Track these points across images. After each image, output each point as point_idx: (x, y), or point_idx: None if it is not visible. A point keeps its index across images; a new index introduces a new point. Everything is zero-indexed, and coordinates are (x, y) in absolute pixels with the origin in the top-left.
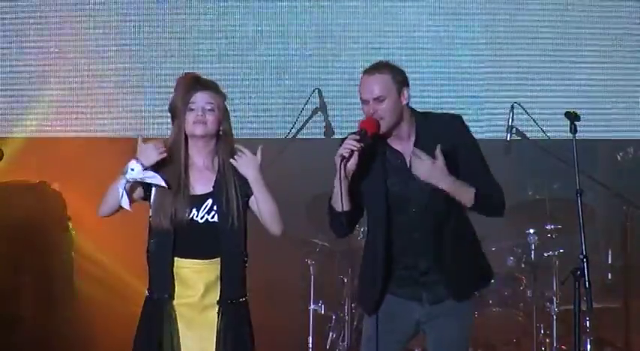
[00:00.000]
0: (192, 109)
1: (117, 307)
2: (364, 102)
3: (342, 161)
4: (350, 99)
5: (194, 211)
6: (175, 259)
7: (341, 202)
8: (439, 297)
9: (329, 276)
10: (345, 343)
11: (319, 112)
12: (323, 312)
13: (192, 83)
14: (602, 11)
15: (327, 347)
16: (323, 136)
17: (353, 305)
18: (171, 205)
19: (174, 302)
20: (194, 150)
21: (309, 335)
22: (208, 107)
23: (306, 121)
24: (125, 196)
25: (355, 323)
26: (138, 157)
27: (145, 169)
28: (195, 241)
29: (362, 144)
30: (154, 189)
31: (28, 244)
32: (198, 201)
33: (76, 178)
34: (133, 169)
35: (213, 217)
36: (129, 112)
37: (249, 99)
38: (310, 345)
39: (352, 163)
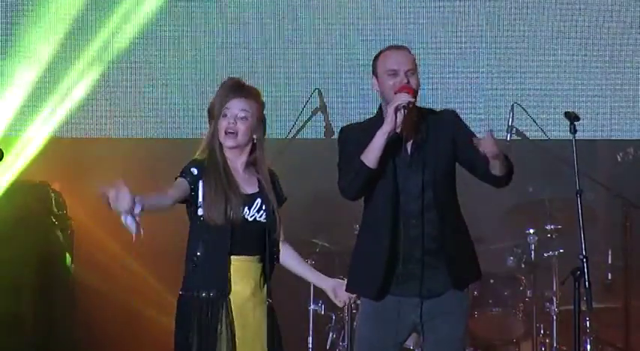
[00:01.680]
0: (225, 116)
1: (117, 306)
2: (394, 73)
3: (396, 111)
4: (350, 99)
5: (246, 209)
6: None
7: (377, 157)
8: (437, 290)
9: (329, 276)
10: (345, 343)
11: (319, 113)
12: (323, 312)
13: (232, 88)
14: (602, 11)
15: (327, 347)
16: (323, 136)
17: (353, 305)
18: (223, 202)
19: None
20: (229, 154)
21: (309, 335)
22: (241, 115)
23: (306, 121)
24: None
25: (355, 323)
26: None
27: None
28: (244, 239)
29: (414, 100)
30: (201, 189)
31: (28, 244)
32: (249, 200)
33: (76, 178)
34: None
35: (261, 216)
36: (129, 112)
37: None
38: (310, 345)
39: (399, 119)
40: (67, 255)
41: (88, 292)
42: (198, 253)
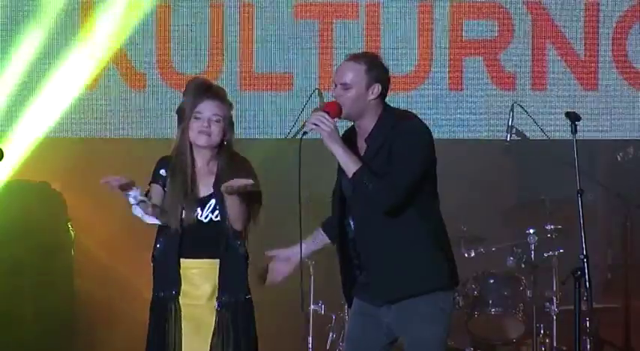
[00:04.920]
0: (198, 118)
1: (117, 307)
2: (334, 84)
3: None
4: None
5: (199, 210)
6: (182, 260)
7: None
8: (384, 298)
9: (329, 276)
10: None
11: None
12: (323, 312)
13: (202, 90)
14: (602, 11)
15: (327, 347)
16: None
17: None
18: (180, 206)
19: (183, 302)
20: (196, 155)
21: (309, 335)
22: (214, 118)
23: (306, 121)
24: (142, 214)
25: None
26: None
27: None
28: (200, 241)
29: (331, 123)
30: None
31: (28, 244)
32: (202, 202)
33: (76, 178)
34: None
35: (217, 216)
36: (129, 112)
37: (250, 99)
38: (310, 345)
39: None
40: (67, 255)
41: (88, 292)
42: (157, 253)
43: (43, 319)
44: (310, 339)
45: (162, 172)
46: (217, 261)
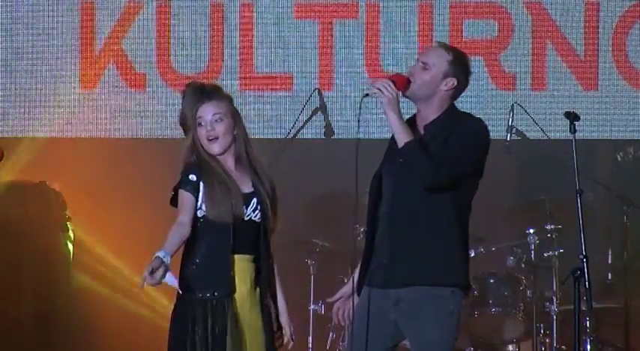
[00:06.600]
0: (201, 124)
1: (116, 306)
2: (417, 61)
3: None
4: (350, 99)
5: (244, 208)
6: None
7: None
8: (395, 282)
9: (329, 276)
10: (345, 343)
11: (319, 113)
12: (323, 312)
13: (196, 95)
14: (603, 10)
15: (327, 347)
16: (323, 136)
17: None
18: (228, 200)
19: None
20: (219, 158)
21: (309, 335)
22: (216, 118)
23: (306, 121)
24: (170, 278)
25: None
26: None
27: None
28: (242, 238)
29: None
30: (202, 190)
31: (28, 244)
32: (246, 199)
33: (76, 178)
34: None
35: (257, 216)
36: (129, 112)
37: (250, 99)
38: (310, 345)
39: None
40: (67, 255)
41: (87, 292)
42: (200, 254)
43: (42, 319)
44: (310, 339)
45: (193, 177)
46: (251, 257)
